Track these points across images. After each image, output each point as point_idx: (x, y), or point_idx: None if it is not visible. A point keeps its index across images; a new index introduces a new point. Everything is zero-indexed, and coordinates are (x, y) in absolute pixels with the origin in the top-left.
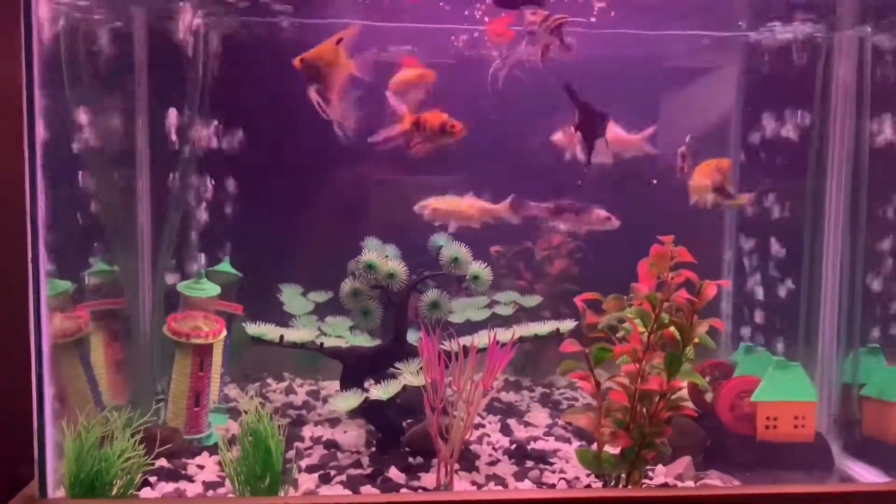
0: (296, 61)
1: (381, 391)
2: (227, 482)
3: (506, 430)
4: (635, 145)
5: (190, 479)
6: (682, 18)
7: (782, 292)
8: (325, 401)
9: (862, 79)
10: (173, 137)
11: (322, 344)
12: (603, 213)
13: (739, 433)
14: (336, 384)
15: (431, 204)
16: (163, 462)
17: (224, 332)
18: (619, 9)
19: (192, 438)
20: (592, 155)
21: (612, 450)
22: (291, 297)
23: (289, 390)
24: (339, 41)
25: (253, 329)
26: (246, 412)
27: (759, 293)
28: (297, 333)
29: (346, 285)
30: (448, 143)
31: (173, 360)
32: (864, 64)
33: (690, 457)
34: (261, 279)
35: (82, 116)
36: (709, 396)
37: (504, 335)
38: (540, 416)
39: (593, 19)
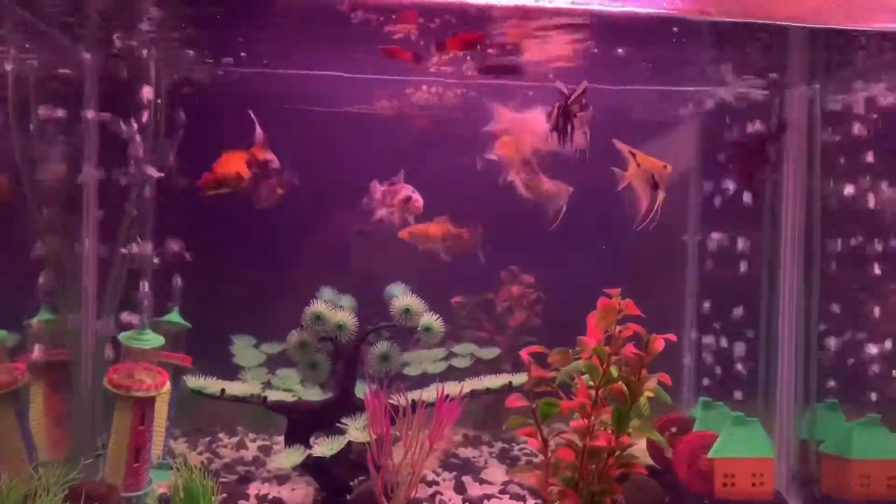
0: None
1: (324, 447)
2: None
3: (460, 487)
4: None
5: None
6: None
7: (741, 348)
8: None
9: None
10: (122, 182)
11: (265, 398)
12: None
13: (697, 490)
14: None
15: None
16: None
17: (167, 385)
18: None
19: (130, 496)
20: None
21: None
22: (243, 348)
23: (240, 445)
24: None
25: (193, 382)
26: (178, 469)
27: (719, 350)
28: (239, 387)
29: (293, 337)
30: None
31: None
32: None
33: None
34: (213, 330)
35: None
36: (669, 452)
37: (454, 389)
38: (497, 472)
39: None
